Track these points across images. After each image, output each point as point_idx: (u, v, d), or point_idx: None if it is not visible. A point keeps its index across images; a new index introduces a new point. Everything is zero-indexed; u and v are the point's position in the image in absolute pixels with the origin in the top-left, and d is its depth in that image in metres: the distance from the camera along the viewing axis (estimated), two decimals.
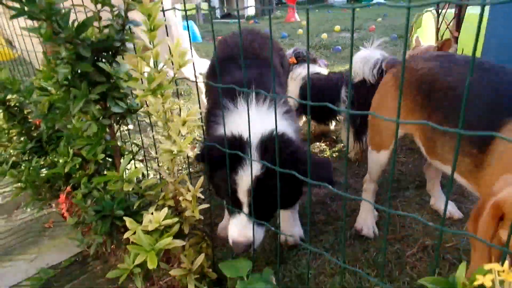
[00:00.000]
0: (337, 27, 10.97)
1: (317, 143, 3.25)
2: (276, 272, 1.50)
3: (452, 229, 2.02)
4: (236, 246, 1.41)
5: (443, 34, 4.14)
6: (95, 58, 1.32)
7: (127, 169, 1.51)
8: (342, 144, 3.20)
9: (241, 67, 1.68)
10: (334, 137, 3.33)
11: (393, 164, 0.83)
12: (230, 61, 1.87)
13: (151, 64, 1.19)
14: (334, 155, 3.00)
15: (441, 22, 3.20)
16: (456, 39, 3.19)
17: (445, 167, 1.46)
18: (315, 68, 3.04)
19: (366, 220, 2.01)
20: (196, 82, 1.24)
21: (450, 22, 3.09)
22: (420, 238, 1.95)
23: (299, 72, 3.00)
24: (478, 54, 3.11)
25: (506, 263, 0.65)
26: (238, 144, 1.38)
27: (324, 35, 9.64)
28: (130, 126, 3.50)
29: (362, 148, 2.76)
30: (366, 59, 2.55)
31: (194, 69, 1.28)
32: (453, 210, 2.11)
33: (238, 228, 1.41)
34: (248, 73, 1.68)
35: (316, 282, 1.67)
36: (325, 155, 3.00)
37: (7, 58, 4.26)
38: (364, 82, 2.55)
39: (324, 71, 3.07)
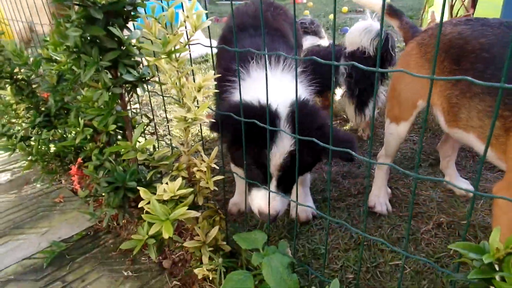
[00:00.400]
0: (345, 8, 10.74)
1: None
2: (291, 246, 1.48)
3: (467, 206, 1.98)
4: (263, 216, 1.40)
5: (457, 12, 4.02)
6: (106, 22, 1.26)
7: (139, 141, 1.48)
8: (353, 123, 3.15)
9: (253, 36, 1.62)
10: (344, 116, 3.27)
11: (424, 121, 0.78)
12: (241, 30, 1.81)
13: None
14: None
15: None
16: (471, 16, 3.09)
17: (466, 135, 1.41)
18: (316, 40, 3.06)
19: (379, 197, 1.98)
20: (211, 46, 1.19)
21: None
22: (434, 215, 1.92)
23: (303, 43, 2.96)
24: None
25: None
26: (266, 114, 1.29)
27: (332, 16, 9.44)
28: (136, 106, 3.47)
29: (365, 120, 2.77)
30: (366, 30, 2.51)
31: (209, 32, 1.22)
32: (469, 187, 2.07)
33: (265, 200, 1.37)
34: (256, 41, 1.63)
35: (330, 257, 1.65)
36: None
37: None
38: (363, 54, 2.54)
39: (325, 42, 3.05)
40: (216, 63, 1.94)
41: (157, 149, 1.98)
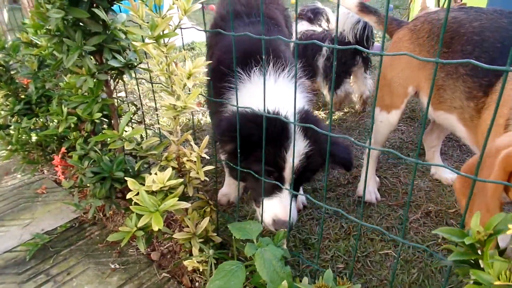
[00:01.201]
0: None
1: (315, 112, 3.18)
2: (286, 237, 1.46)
3: (454, 195, 2.00)
4: (279, 225, 1.32)
5: (444, 2, 4.03)
6: (91, 4, 1.20)
7: (125, 130, 1.42)
8: (342, 113, 3.15)
9: (247, 24, 1.57)
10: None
11: (428, 104, 0.76)
12: (234, 18, 1.76)
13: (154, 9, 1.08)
14: (333, 123, 2.94)
15: None
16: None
17: (449, 117, 1.48)
18: (308, 26, 3.17)
19: (368, 186, 1.98)
20: (205, 31, 1.13)
21: None
22: (422, 204, 1.94)
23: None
24: None
25: None
26: (279, 123, 1.26)
27: (292, 1, 9.39)
28: (121, 94, 3.37)
29: (339, 99, 3.07)
30: (348, 16, 2.61)
31: (203, 15, 1.17)
32: (454, 177, 2.09)
33: (282, 207, 1.32)
34: (254, 30, 1.58)
35: (320, 247, 1.64)
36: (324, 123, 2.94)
37: None
38: (344, 39, 2.75)
39: (319, 29, 3.15)
40: (210, 54, 1.88)
41: (145, 139, 1.93)
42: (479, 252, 0.78)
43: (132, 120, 1.80)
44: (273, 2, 1.99)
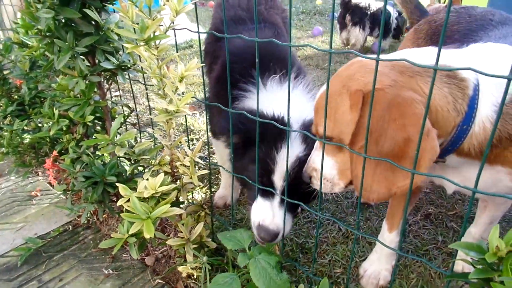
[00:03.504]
0: None
1: None
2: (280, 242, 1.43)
3: (454, 197, 1.97)
4: (264, 232, 1.21)
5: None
6: (82, 4, 1.16)
7: (119, 133, 1.39)
8: None
9: (251, 29, 1.54)
10: None
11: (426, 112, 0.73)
12: (236, 23, 1.72)
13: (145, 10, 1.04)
14: None
15: None
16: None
17: None
18: None
19: None
20: (198, 32, 1.10)
21: None
22: (422, 207, 1.91)
23: None
24: None
25: None
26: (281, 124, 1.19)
27: (319, 1, 9.30)
28: (118, 93, 3.34)
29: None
30: None
31: (197, 16, 1.13)
32: None
33: (269, 213, 1.22)
34: (259, 36, 1.55)
35: (318, 251, 1.61)
36: None
37: None
38: None
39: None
40: (209, 61, 1.83)
41: (139, 141, 1.90)
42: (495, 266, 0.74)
43: (127, 121, 1.77)
44: (273, 7, 1.96)
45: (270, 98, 1.30)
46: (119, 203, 1.13)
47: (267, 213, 1.22)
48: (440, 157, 0.93)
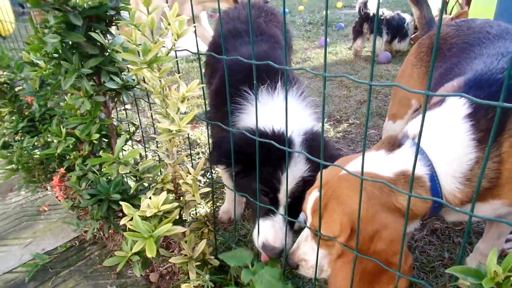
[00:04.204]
0: (339, 3, 10.67)
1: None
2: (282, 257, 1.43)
3: None
4: (270, 250, 1.26)
5: (452, 8, 3.98)
6: (87, 28, 1.20)
7: (124, 150, 1.42)
8: (347, 124, 3.11)
9: (248, 43, 1.56)
10: (338, 117, 3.23)
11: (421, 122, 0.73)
12: (234, 36, 1.75)
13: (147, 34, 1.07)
14: (338, 135, 2.90)
15: None
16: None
17: None
18: None
19: None
20: (198, 54, 1.12)
21: None
22: (428, 221, 1.88)
23: None
24: None
25: None
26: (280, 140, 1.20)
27: (339, 4, 9.37)
28: (128, 106, 3.39)
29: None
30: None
31: (196, 38, 1.16)
32: None
33: (273, 231, 1.26)
34: (257, 49, 1.57)
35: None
36: (328, 135, 2.90)
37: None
38: None
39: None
40: (209, 73, 1.86)
41: (145, 158, 1.92)
42: None
43: (132, 138, 1.80)
44: (273, 20, 1.98)
45: (265, 111, 1.32)
46: (122, 221, 1.15)
47: (271, 233, 1.25)
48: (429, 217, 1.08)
